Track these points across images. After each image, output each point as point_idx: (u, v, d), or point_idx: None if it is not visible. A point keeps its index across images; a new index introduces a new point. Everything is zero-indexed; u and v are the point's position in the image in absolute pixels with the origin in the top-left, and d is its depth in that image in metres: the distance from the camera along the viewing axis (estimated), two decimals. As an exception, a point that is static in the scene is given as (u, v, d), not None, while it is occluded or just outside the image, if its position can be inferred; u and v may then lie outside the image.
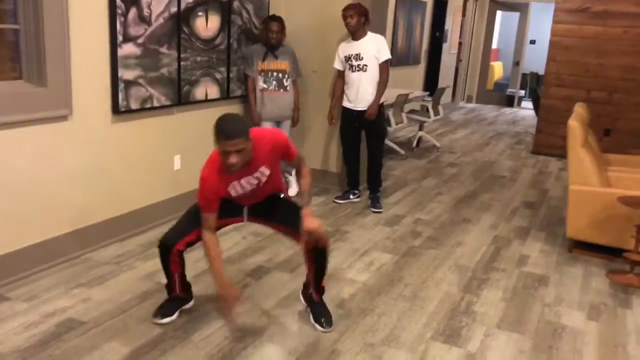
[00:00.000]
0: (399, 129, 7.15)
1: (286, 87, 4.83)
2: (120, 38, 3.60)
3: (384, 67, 4.72)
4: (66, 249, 3.52)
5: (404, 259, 3.91)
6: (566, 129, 4.16)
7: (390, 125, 6.42)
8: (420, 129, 7.80)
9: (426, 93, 8.51)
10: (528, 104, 12.50)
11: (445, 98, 11.26)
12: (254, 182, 2.71)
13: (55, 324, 2.82)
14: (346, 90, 4.85)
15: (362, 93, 4.74)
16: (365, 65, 4.68)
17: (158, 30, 3.89)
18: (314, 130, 5.37)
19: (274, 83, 4.78)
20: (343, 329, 2.93)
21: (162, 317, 2.89)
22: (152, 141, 4.07)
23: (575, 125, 4.10)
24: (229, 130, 2.41)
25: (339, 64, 4.84)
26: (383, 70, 4.72)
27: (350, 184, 5.15)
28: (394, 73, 6.28)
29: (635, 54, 6.97)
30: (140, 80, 3.82)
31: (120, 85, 3.67)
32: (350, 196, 5.12)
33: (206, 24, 4.35)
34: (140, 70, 3.80)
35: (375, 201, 4.97)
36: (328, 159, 5.42)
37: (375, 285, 3.47)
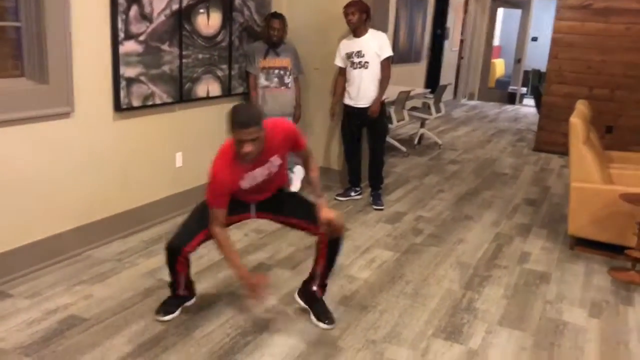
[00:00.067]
0: (401, 126, 7.15)
1: (287, 85, 4.83)
2: (121, 35, 3.60)
3: (386, 65, 4.72)
4: (68, 246, 3.53)
5: (406, 256, 3.91)
6: (568, 126, 4.16)
7: (391, 122, 6.42)
8: (422, 126, 7.79)
9: (428, 90, 8.50)
10: (530, 101, 12.48)
11: (447, 95, 11.24)
12: (265, 173, 2.69)
13: (58, 320, 2.83)
14: (347, 87, 4.84)
15: (364, 90, 4.74)
16: (367, 62, 4.67)
17: (160, 28, 3.89)
18: (316, 127, 5.37)
19: (276, 80, 4.78)
20: (345, 326, 2.94)
21: (165, 315, 2.89)
22: (154, 138, 4.07)
23: (577, 122, 4.10)
24: (244, 119, 2.41)
25: (340, 61, 4.83)
26: (385, 68, 4.72)
27: (351, 181, 5.15)
28: (396, 70, 6.27)
29: (637, 51, 6.94)
30: (142, 78, 3.82)
31: (122, 83, 3.67)
32: (352, 193, 5.12)
33: (208, 21, 4.35)
34: (141, 68, 3.80)
35: (376, 198, 4.97)
36: (329, 156, 5.43)
37: (376, 283, 3.48)
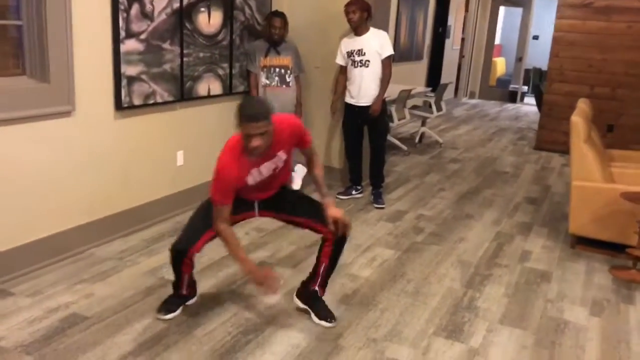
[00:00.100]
0: (402, 124, 7.15)
1: (288, 83, 4.83)
2: (122, 34, 3.60)
3: (387, 63, 4.71)
4: (69, 245, 3.53)
5: (407, 254, 3.91)
6: (569, 124, 4.16)
7: (392, 121, 6.42)
8: (423, 124, 7.79)
9: (429, 89, 8.49)
10: (531, 99, 12.47)
11: (448, 94, 11.24)
12: (271, 168, 2.69)
13: (59, 319, 2.83)
14: (348, 86, 4.84)
15: (365, 89, 4.74)
16: (368, 60, 4.67)
17: (161, 26, 3.89)
18: (317, 126, 5.37)
19: (277, 79, 4.78)
20: (346, 325, 2.94)
21: (166, 313, 2.89)
22: (155, 137, 4.07)
23: (578, 121, 4.09)
24: (254, 113, 2.41)
25: (341, 59, 4.83)
26: (386, 66, 4.71)
27: (352, 180, 5.15)
28: (397, 69, 6.26)
29: (639, 49, 6.93)
30: (143, 76, 3.82)
31: (123, 81, 3.67)
32: (353, 192, 5.12)
33: (209, 20, 4.35)
34: (142, 66, 3.80)
35: (377, 197, 4.97)
36: (330, 155, 5.43)
37: (377, 281, 3.48)
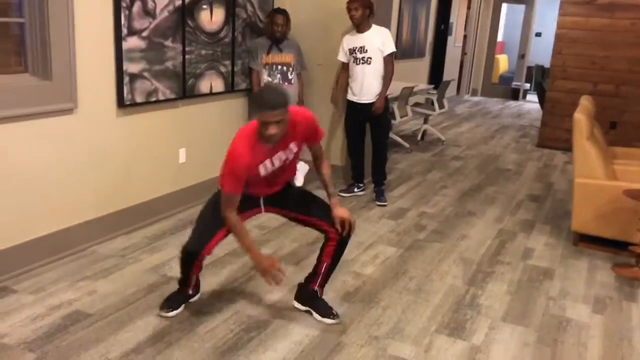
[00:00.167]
0: (404, 122, 7.14)
1: (291, 81, 4.83)
2: (125, 31, 3.60)
3: (389, 60, 4.70)
4: (72, 242, 3.54)
5: (409, 252, 3.91)
6: (572, 122, 4.15)
7: (394, 118, 6.41)
8: (425, 122, 7.78)
9: (431, 86, 8.49)
10: (533, 97, 12.43)
11: (450, 91, 11.23)
12: (282, 159, 2.69)
13: (62, 316, 2.84)
14: (350, 83, 4.83)
15: (367, 86, 4.73)
16: (370, 58, 4.66)
17: (163, 24, 3.89)
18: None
19: (279, 76, 4.78)
20: (348, 322, 2.94)
21: (169, 311, 2.89)
22: (157, 134, 4.08)
23: (581, 118, 4.08)
24: (272, 101, 2.42)
25: (343, 56, 4.82)
26: (388, 63, 4.71)
27: (354, 177, 5.15)
28: (399, 66, 6.25)
29: (642, 46, 6.93)
30: (145, 74, 3.82)
31: (125, 79, 3.67)
32: (355, 189, 5.12)
33: (211, 17, 4.34)
34: (145, 64, 3.80)
35: (379, 194, 4.97)
36: (332, 152, 5.42)
37: (379, 279, 3.48)
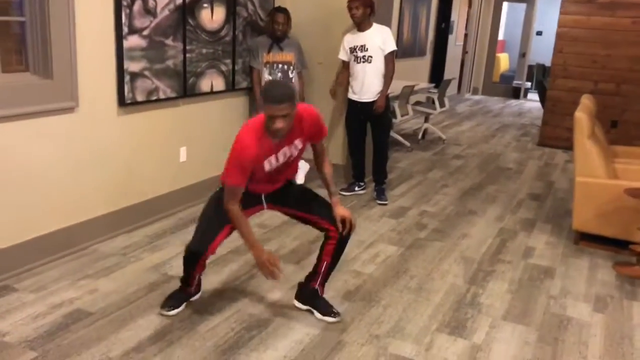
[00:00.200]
0: (405, 120, 7.13)
1: (291, 79, 4.82)
2: (125, 30, 3.60)
3: (390, 59, 4.70)
4: (73, 241, 3.54)
5: (410, 251, 3.91)
6: (573, 120, 4.15)
7: (395, 117, 6.41)
8: (426, 121, 7.78)
9: (432, 85, 8.48)
10: (534, 95, 12.44)
11: (451, 90, 11.22)
12: (287, 155, 2.70)
13: (63, 314, 2.84)
14: (351, 82, 4.83)
15: (368, 85, 4.73)
16: (370, 56, 4.66)
17: (163, 22, 3.89)
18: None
19: (279, 75, 4.77)
20: (348, 321, 2.94)
21: (170, 309, 2.89)
22: (158, 133, 4.08)
23: (582, 117, 4.08)
24: (279, 95, 2.43)
25: (343, 54, 4.82)
26: (389, 62, 4.70)
27: (355, 176, 5.15)
28: (400, 65, 6.24)
29: (643, 45, 6.91)
30: (146, 72, 3.82)
31: (126, 77, 3.67)
32: (356, 188, 5.12)
33: (211, 16, 4.34)
34: (145, 62, 3.80)
35: (380, 193, 4.97)
36: (333, 151, 5.41)
37: (380, 277, 3.48)
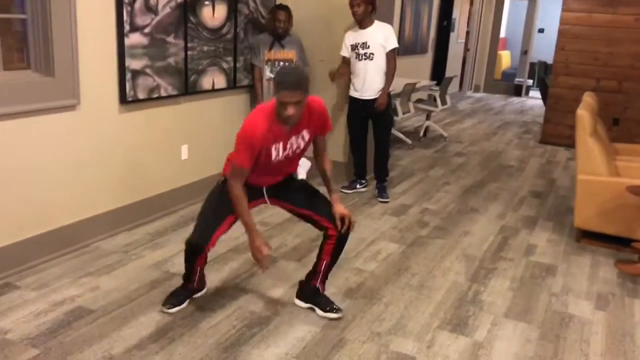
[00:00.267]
0: (406, 118, 7.13)
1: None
2: (127, 27, 3.60)
3: (391, 56, 4.69)
4: (75, 238, 3.54)
5: (411, 248, 3.91)
6: (574, 118, 4.14)
7: (397, 114, 6.40)
8: (428, 118, 7.77)
9: (433, 82, 8.47)
10: (536, 93, 12.42)
11: (453, 87, 11.21)
12: (294, 146, 2.69)
13: (64, 312, 2.85)
14: (353, 79, 4.82)
15: (369, 82, 4.72)
16: (372, 53, 4.65)
17: (165, 20, 3.88)
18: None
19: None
20: (350, 318, 2.94)
21: (171, 307, 2.90)
22: (160, 131, 4.08)
23: (584, 114, 4.07)
24: (292, 81, 2.43)
25: (345, 51, 4.80)
26: (390, 59, 4.70)
27: (357, 174, 5.15)
28: (401, 62, 6.24)
29: (645, 43, 6.89)
30: (148, 70, 3.82)
31: (128, 75, 3.67)
32: (357, 186, 5.12)
33: (213, 14, 4.34)
34: (147, 60, 3.80)
35: (382, 191, 4.97)
36: (335, 148, 5.41)
37: (382, 275, 3.48)
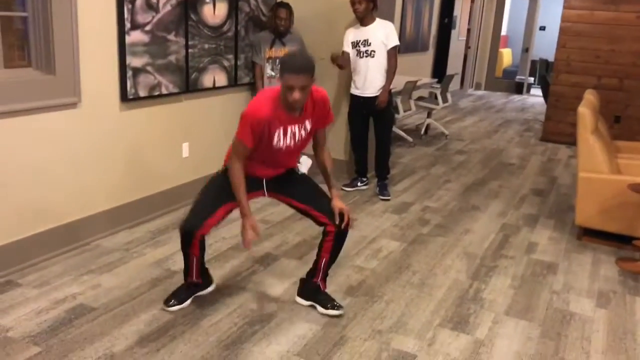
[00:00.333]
0: (407, 116, 7.13)
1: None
2: (128, 25, 3.59)
3: (392, 54, 4.69)
4: (76, 236, 3.55)
5: (412, 246, 3.91)
6: (576, 116, 4.13)
7: (398, 112, 6.40)
8: (429, 116, 7.76)
9: (434, 80, 8.47)
10: (537, 91, 12.41)
11: (454, 85, 11.19)
12: (296, 136, 2.68)
13: (66, 310, 2.85)
14: (354, 77, 4.82)
15: (370, 80, 4.72)
16: (373, 51, 4.65)
17: (166, 18, 3.88)
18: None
19: (282, 70, 4.75)
20: (351, 316, 2.94)
21: (172, 305, 2.89)
22: (161, 129, 4.08)
23: (586, 112, 4.07)
24: (299, 65, 2.43)
25: (347, 47, 4.78)
26: (391, 57, 4.69)
27: (358, 172, 5.15)
28: (402, 60, 6.24)
29: (647, 40, 6.88)
30: (148, 68, 3.82)
31: (129, 73, 3.67)
32: (358, 184, 5.11)
33: (214, 11, 4.33)
34: (148, 58, 3.80)
35: (383, 189, 4.96)
36: (336, 146, 5.41)
37: (383, 273, 3.48)
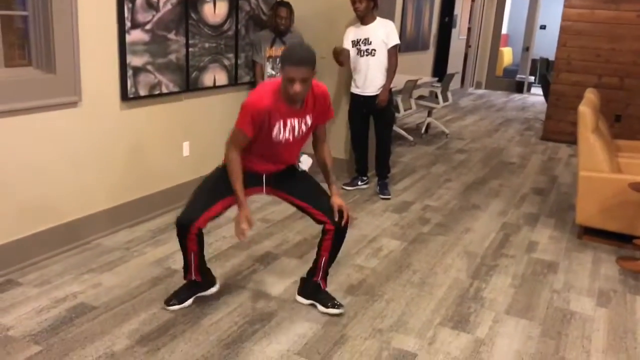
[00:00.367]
0: (408, 115, 7.13)
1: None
2: (128, 24, 3.59)
3: (393, 53, 4.69)
4: (76, 235, 3.55)
5: (413, 245, 3.91)
6: (576, 115, 4.13)
7: (398, 111, 6.40)
8: (429, 115, 7.76)
9: (435, 79, 8.46)
10: (538, 90, 12.41)
11: (454, 84, 11.18)
12: (296, 129, 2.67)
13: (66, 308, 2.85)
14: (354, 75, 4.82)
15: (371, 78, 4.72)
16: (374, 49, 4.64)
17: (166, 16, 3.88)
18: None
19: (282, 69, 4.75)
20: (351, 315, 2.95)
21: (172, 304, 2.89)
22: (161, 128, 4.08)
23: (586, 111, 4.07)
24: (300, 57, 2.42)
25: (346, 45, 4.78)
26: (392, 56, 4.69)
27: (358, 171, 5.14)
28: (403, 59, 6.24)
29: (648, 39, 6.88)
30: (149, 67, 3.82)
31: (129, 72, 3.67)
32: (359, 182, 5.11)
33: (214, 10, 4.33)
34: (148, 57, 3.80)
35: (383, 188, 4.96)
36: (336, 145, 5.41)
37: (383, 272, 3.48)
